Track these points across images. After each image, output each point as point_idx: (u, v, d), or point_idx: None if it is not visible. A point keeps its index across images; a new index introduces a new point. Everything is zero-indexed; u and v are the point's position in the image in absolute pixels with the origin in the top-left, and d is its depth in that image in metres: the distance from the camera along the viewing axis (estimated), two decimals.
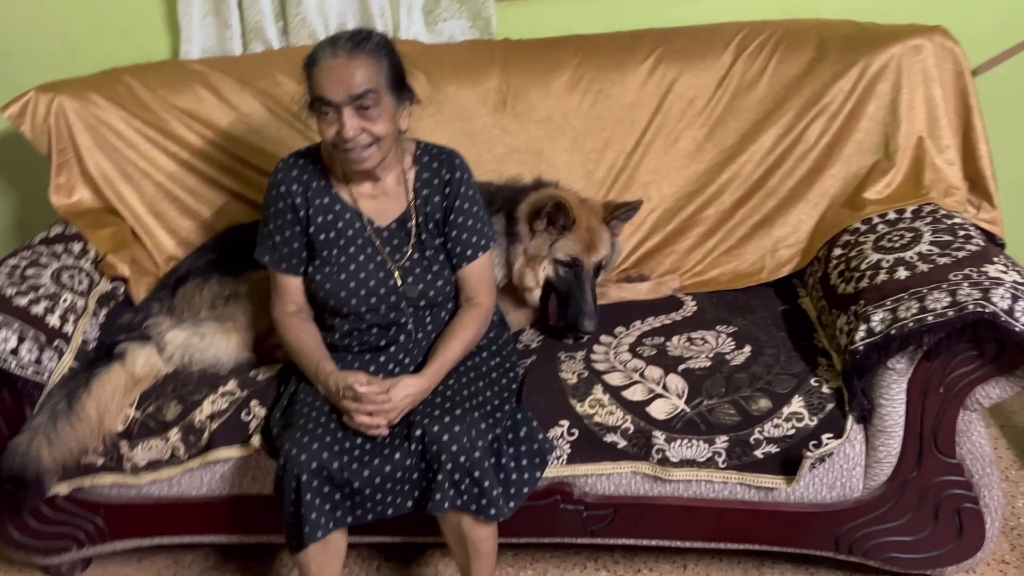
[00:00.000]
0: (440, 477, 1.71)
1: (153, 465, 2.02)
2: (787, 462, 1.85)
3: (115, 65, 2.59)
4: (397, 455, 1.74)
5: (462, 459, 1.71)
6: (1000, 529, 1.88)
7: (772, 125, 2.26)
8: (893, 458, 1.82)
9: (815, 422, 1.81)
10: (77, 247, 2.31)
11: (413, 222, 1.92)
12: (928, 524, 1.86)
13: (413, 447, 1.74)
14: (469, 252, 1.93)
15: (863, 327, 1.75)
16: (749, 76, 2.29)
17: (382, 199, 1.93)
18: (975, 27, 2.32)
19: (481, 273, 1.96)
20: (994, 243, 2.11)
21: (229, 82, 2.45)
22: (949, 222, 1.95)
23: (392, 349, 1.93)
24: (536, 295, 2.17)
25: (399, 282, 1.90)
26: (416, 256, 1.92)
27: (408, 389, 1.78)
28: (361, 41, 1.76)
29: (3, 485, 1.93)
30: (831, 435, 1.81)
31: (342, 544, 1.83)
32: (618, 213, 2.15)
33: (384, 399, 1.75)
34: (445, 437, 1.71)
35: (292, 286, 1.94)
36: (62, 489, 2.04)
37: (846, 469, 1.85)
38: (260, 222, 1.96)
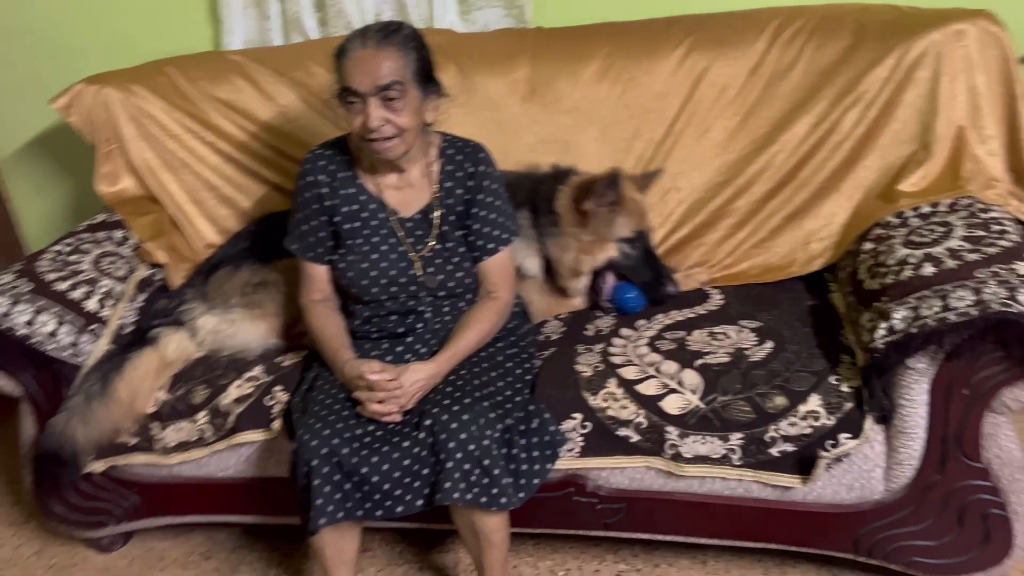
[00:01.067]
0: (450, 466, 1.72)
1: (182, 446, 2.08)
2: (803, 461, 1.80)
3: (163, 56, 2.66)
4: (407, 443, 1.76)
5: (471, 447, 1.71)
6: None
7: (805, 114, 2.19)
8: (915, 460, 1.77)
9: (833, 421, 1.76)
10: (119, 234, 2.40)
11: (436, 214, 1.93)
12: (952, 529, 1.79)
13: (423, 436, 1.75)
14: (491, 246, 1.94)
15: (884, 325, 1.70)
16: (783, 64, 2.23)
17: (407, 190, 1.95)
18: None
19: (502, 267, 1.96)
20: None
21: (266, 73, 2.49)
22: (985, 216, 1.87)
23: (410, 338, 1.95)
24: (585, 282, 2.18)
25: (419, 272, 1.92)
26: (438, 247, 1.94)
27: (418, 374, 1.80)
28: (391, 33, 1.78)
29: (42, 462, 2.02)
30: (849, 435, 1.76)
31: (355, 530, 1.87)
32: (647, 182, 2.20)
33: (395, 385, 1.77)
34: (454, 425, 1.72)
35: (319, 274, 1.98)
36: (98, 467, 2.12)
37: (865, 470, 1.80)
38: (290, 211, 2.00)
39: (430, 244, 1.93)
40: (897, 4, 2.21)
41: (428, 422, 1.75)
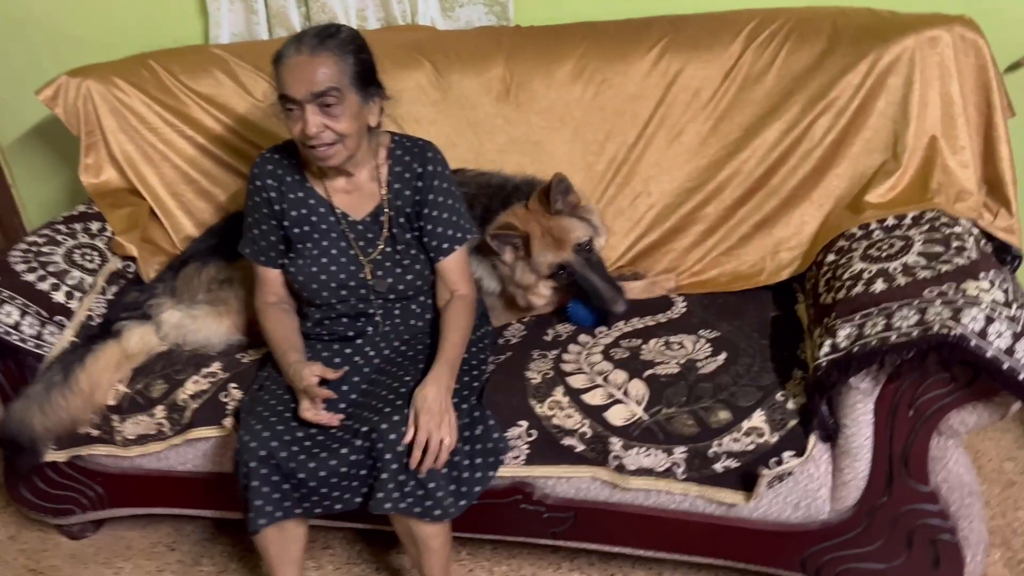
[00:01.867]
0: (384, 476, 1.71)
1: (141, 439, 2.11)
2: (747, 477, 1.77)
3: (156, 47, 2.69)
4: (345, 449, 1.76)
5: (406, 460, 1.71)
6: (983, 564, 1.75)
7: (776, 120, 2.14)
8: (861, 481, 1.72)
9: (776, 438, 1.73)
10: (95, 226, 2.43)
11: (385, 216, 1.92)
12: (901, 553, 1.75)
13: (360, 443, 1.75)
14: (445, 245, 1.93)
15: (829, 342, 1.65)
16: (757, 68, 2.17)
17: (356, 193, 1.94)
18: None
19: (459, 266, 1.96)
20: (1009, 254, 1.95)
21: (246, 67, 2.50)
22: (947, 231, 1.81)
23: (360, 341, 1.95)
24: (550, 307, 2.19)
25: (369, 276, 1.91)
26: (388, 250, 1.93)
27: (434, 402, 1.73)
28: (326, 38, 1.76)
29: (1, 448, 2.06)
30: (792, 453, 1.72)
31: (300, 529, 1.88)
32: (553, 198, 2.05)
33: (427, 419, 1.71)
34: (392, 436, 1.72)
35: (271, 277, 1.98)
36: (60, 457, 2.16)
37: (811, 490, 1.76)
38: (244, 216, 2.00)
39: (379, 247, 1.92)
40: (875, 8, 2.14)
41: (365, 429, 1.75)
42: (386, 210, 1.92)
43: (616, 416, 1.81)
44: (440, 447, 1.69)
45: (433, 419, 1.71)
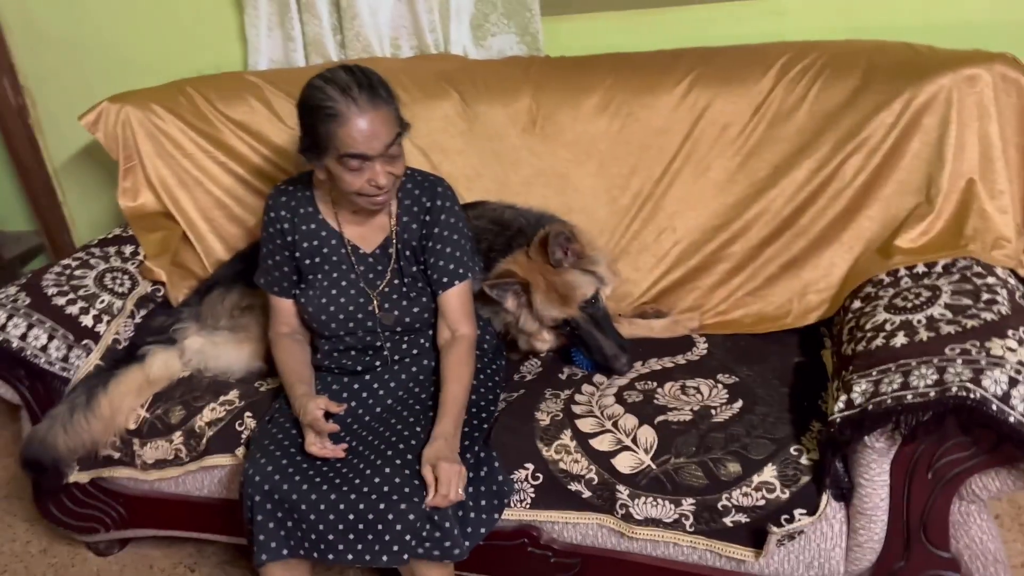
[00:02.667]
0: (399, 527, 1.67)
1: (159, 464, 2.14)
2: (758, 533, 1.70)
3: (197, 71, 2.74)
4: (346, 488, 1.73)
5: (417, 500, 1.69)
6: None
7: (807, 158, 2.07)
8: (876, 544, 1.64)
9: (787, 495, 1.66)
10: (128, 249, 2.48)
11: (392, 249, 1.92)
12: None
13: (365, 488, 1.72)
14: (445, 279, 1.91)
15: (844, 397, 1.58)
16: (788, 103, 2.10)
17: (367, 226, 1.94)
18: None
19: (461, 302, 1.93)
20: None
21: (280, 95, 2.53)
22: (978, 282, 1.71)
23: (368, 376, 1.95)
24: (554, 346, 2.15)
25: (377, 309, 1.91)
26: (396, 282, 1.93)
27: (444, 459, 1.70)
28: (376, 90, 1.75)
29: (24, 467, 2.11)
30: (804, 511, 1.65)
31: (305, 566, 1.86)
32: (551, 251, 1.99)
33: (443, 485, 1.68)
34: (397, 480, 1.70)
35: (284, 308, 2.00)
36: (83, 478, 2.21)
37: (824, 549, 1.68)
38: (260, 248, 2.01)
39: (387, 279, 1.92)
40: (914, 44, 2.05)
41: (377, 480, 1.72)
42: (394, 242, 1.92)
43: (623, 464, 1.76)
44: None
45: (452, 470, 1.68)
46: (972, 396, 1.41)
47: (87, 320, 2.23)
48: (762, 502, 1.67)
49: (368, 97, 1.72)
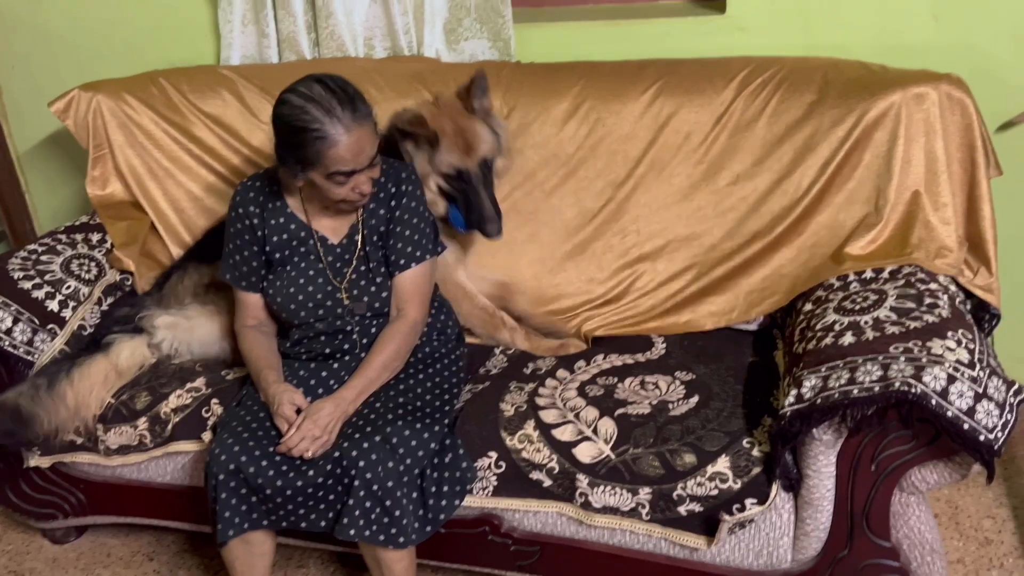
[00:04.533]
0: (351, 503, 1.75)
1: (123, 449, 2.15)
2: (710, 522, 1.78)
3: (169, 65, 2.76)
4: (311, 472, 1.78)
5: (375, 487, 1.74)
6: None
7: (766, 169, 2.16)
8: (822, 533, 1.72)
9: (739, 485, 1.73)
10: (96, 237, 2.49)
11: (358, 236, 1.97)
12: None
13: (329, 467, 1.78)
14: (403, 261, 1.97)
15: (794, 392, 1.66)
16: (748, 115, 2.19)
17: (336, 217, 1.98)
18: None
19: (415, 284, 1.98)
20: (987, 313, 1.96)
21: (253, 90, 2.56)
22: (921, 287, 1.82)
23: (338, 356, 1.99)
24: (440, 208, 2.17)
25: (345, 298, 1.95)
26: (362, 269, 1.98)
27: (325, 410, 1.82)
28: (355, 104, 1.79)
29: None
30: (754, 500, 1.73)
31: (267, 546, 1.91)
32: (474, 93, 2.10)
33: (308, 428, 1.79)
34: (361, 463, 1.75)
35: (251, 302, 2.03)
36: (44, 462, 2.21)
37: (773, 538, 1.76)
38: (224, 243, 2.04)
39: (353, 266, 1.97)
40: (867, 62, 2.16)
41: (336, 454, 1.78)
42: (361, 229, 1.97)
43: (584, 453, 1.83)
44: (296, 450, 1.77)
45: (314, 431, 1.78)
46: (913, 391, 1.50)
47: (53, 305, 2.24)
48: (715, 492, 1.75)
49: (351, 114, 1.77)
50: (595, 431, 1.85)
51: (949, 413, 1.50)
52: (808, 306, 1.96)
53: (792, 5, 2.36)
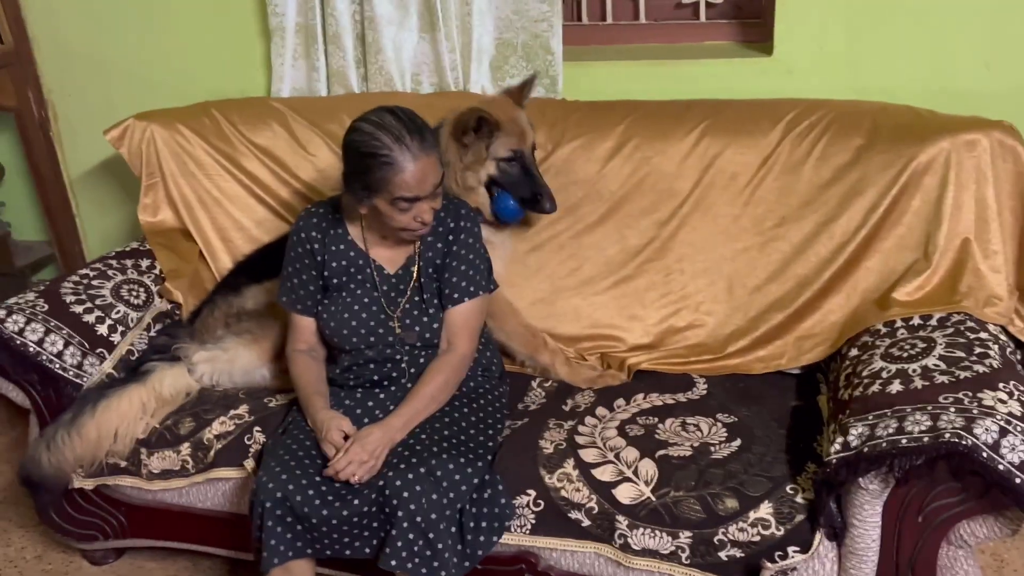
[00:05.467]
0: (395, 533, 1.75)
1: (165, 474, 2.17)
2: (752, 568, 1.75)
3: (220, 96, 2.82)
4: (356, 501, 1.80)
5: (418, 519, 1.74)
6: None
7: (813, 212, 2.16)
8: None
9: (782, 532, 1.71)
10: (145, 263, 2.54)
11: (414, 268, 1.99)
12: None
13: (374, 496, 1.79)
14: (456, 295, 1.99)
15: (840, 439, 1.64)
16: (795, 157, 2.20)
17: (394, 249, 2.02)
18: None
19: (466, 319, 2.01)
20: None
21: (302, 123, 2.61)
22: (971, 336, 1.79)
23: (385, 385, 2.02)
24: (481, 194, 2.23)
25: (398, 328, 1.98)
26: (415, 299, 2.01)
27: (373, 443, 1.83)
28: (422, 134, 1.86)
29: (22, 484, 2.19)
30: (797, 549, 1.70)
31: (307, 574, 1.91)
32: (526, 92, 2.27)
33: (356, 453, 1.81)
34: (405, 494, 1.75)
35: (304, 325, 2.06)
36: (87, 484, 2.24)
37: None
38: (283, 268, 2.08)
39: (408, 296, 2.00)
40: (916, 108, 2.16)
41: (380, 483, 1.79)
42: (418, 261, 2.00)
43: (624, 494, 1.82)
44: (343, 474, 1.79)
45: (361, 455, 1.80)
46: (964, 443, 1.48)
47: (102, 329, 2.28)
48: (757, 538, 1.72)
49: (419, 143, 1.83)
50: (635, 472, 1.84)
51: (1000, 467, 1.47)
52: (854, 351, 1.94)
53: (841, 48, 2.37)
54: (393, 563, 1.75)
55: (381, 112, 1.87)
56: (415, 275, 2.01)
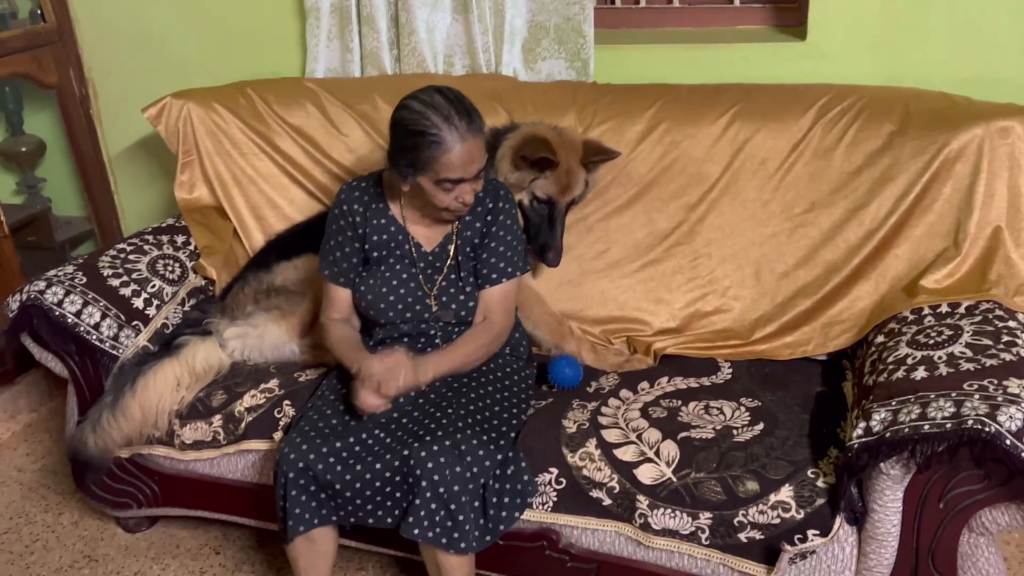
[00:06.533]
0: (418, 503, 1.78)
1: (197, 445, 2.22)
2: (771, 551, 1.76)
3: (256, 76, 2.87)
4: (379, 465, 1.83)
5: (441, 490, 1.77)
6: None
7: (843, 197, 2.15)
8: (885, 569, 1.70)
9: (802, 515, 1.72)
10: (180, 239, 2.60)
11: (452, 247, 2.02)
12: None
13: (397, 463, 1.82)
14: (494, 276, 2.02)
15: (863, 424, 1.64)
16: (826, 143, 2.18)
17: (432, 226, 2.05)
18: None
19: (503, 297, 2.04)
20: None
21: (335, 103, 2.64)
22: (999, 324, 1.78)
23: None
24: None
25: (434, 305, 2.01)
26: (452, 277, 2.04)
27: (402, 364, 1.89)
28: (470, 117, 1.88)
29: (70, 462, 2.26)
30: (817, 532, 1.71)
31: (330, 545, 1.95)
32: (597, 159, 2.19)
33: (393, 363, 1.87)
34: (430, 464, 1.78)
35: (342, 296, 2.09)
36: (123, 453, 2.30)
37: (835, 571, 1.74)
38: (323, 239, 2.11)
39: (444, 274, 2.03)
40: (950, 94, 2.13)
41: (405, 452, 1.82)
42: (455, 240, 2.03)
43: (645, 475, 1.83)
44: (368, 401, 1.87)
45: (388, 362, 1.87)
46: (987, 430, 1.48)
47: (138, 303, 2.34)
48: (777, 520, 1.73)
49: (467, 125, 1.85)
50: (657, 453, 1.85)
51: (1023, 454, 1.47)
52: (880, 338, 1.94)
53: (875, 33, 2.35)
54: (415, 531, 1.78)
55: (431, 91, 1.88)
56: (452, 253, 2.03)
